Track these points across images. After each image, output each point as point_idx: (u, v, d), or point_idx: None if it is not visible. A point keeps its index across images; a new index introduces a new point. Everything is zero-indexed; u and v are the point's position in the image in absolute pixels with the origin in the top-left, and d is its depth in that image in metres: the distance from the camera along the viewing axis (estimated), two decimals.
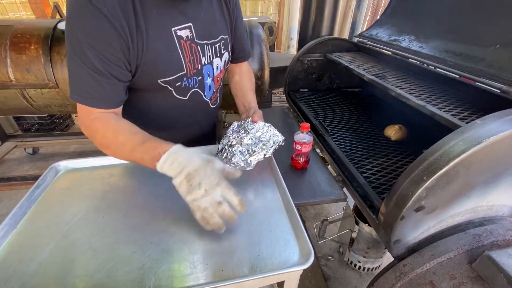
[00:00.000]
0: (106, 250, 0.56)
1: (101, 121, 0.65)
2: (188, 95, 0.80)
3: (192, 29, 0.72)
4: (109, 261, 0.54)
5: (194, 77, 0.78)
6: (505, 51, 0.84)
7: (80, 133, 2.75)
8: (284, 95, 1.74)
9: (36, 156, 2.64)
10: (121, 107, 0.70)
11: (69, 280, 0.51)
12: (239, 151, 0.74)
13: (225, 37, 0.83)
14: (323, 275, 1.52)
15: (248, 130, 0.77)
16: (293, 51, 4.20)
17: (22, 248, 0.57)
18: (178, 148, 0.61)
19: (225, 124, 2.42)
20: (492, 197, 0.69)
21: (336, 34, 1.88)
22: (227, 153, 0.74)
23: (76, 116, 3.32)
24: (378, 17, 1.50)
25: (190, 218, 0.64)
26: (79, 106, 0.65)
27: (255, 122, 0.79)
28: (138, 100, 0.76)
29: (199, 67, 0.78)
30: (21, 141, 2.54)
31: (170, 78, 0.72)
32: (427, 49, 1.11)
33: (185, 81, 0.75)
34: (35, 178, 0.79)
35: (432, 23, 1.16)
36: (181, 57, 0.72)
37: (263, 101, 2.20)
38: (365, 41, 1.49)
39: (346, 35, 2.12)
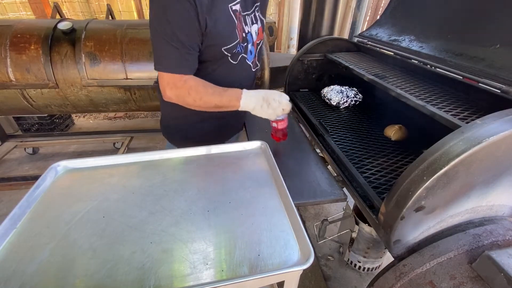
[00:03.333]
0: (106, 250, 0.56)
1: (192, 80, 0.84)
2: (238, 59, 0.94)
3: (239, 4, 0.87)
4: (109, 261, 0.54)
5: (242, 44, 0.92)
6: (505, 51, 0.84)
7: (80, 133, 2.75)
8: None
9: (36, 156, 2.64)
10: None
11: (69, 280, 0.51)
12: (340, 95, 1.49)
13: (257, 4, 0.97)
14: (323, 275, 1.52)
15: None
16: (293, 51, 4.20)
17: (22, 248, 0.57)
18: (246, 90, 0.91)
19: None
20: (492, 197, 0.69)
21: (336, 34, 1.88)
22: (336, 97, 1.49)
23: (76, 116, 3.33)
24: (378, 17, 1.50)
25: (190, 218, 0.64)
26: (168, 76, 0.82)
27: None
28: (201, 71, 0.90)
29: (244, 35, 0.92)
30: (21, 141, 2.54)
31: (230, 45, 0.86)
32: (427, 49, 1.11)
33: (238, 48, 0.91)
34: (35, 178, 0.79)
35: (432, 23, 1.16)
36: (236, 27, 0.86)
37: None
38: (365, 41, 1.49)
39: (346, 35, 2.12)
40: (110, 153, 2.65)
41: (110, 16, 2.44)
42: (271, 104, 0.90)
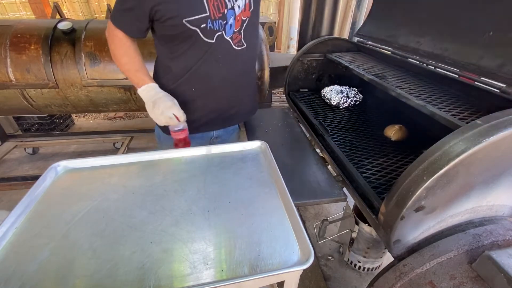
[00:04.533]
0: (106, 250, 0.56)
1: (120, 37, 0.90)
2: (215, 37, 0.90)
3: None
4: (109, 261, 0.54)
5: (220, 21, 0.87)
6: (505, 51, 0.84)
7: (80, 133, 2.75)
8: (284, 95, 1.74)
9: (36, 156, 2.64)
10: (136, 40, 0.94)
11: (69, 280, 0.51)
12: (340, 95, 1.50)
13: None
14: (323, 275, 1.52)
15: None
16: (293, 51, 4.19)
17: (22, 248, 0.57)
18: (153, 85, 0.93)
19: None
20: (492, 197, 0.69)
21: (336, 34, 1.88)
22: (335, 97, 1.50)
23: (76, 116, 3.34)
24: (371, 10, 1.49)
25: (190, 218, 0.64)
26: (109, 21, 0.89)
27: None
28: (174, 52, 0.92)
29: (225, 12, 0.87)
30: (21, 141, 2.54)
31: (193, 18, 0.83)
32: (425, 44, 1.10)
33: (209, 23, 0.86)
34: (35, 178, 0.79)
35: (432, 21, 1.16)
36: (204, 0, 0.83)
37: (263, 101, 2.20)
38: (365, 40, 1.49)
39: (346, 35, 2.12)
40: (110, 153, 2.65)
41: None
42: (154, 111, 0.91)
